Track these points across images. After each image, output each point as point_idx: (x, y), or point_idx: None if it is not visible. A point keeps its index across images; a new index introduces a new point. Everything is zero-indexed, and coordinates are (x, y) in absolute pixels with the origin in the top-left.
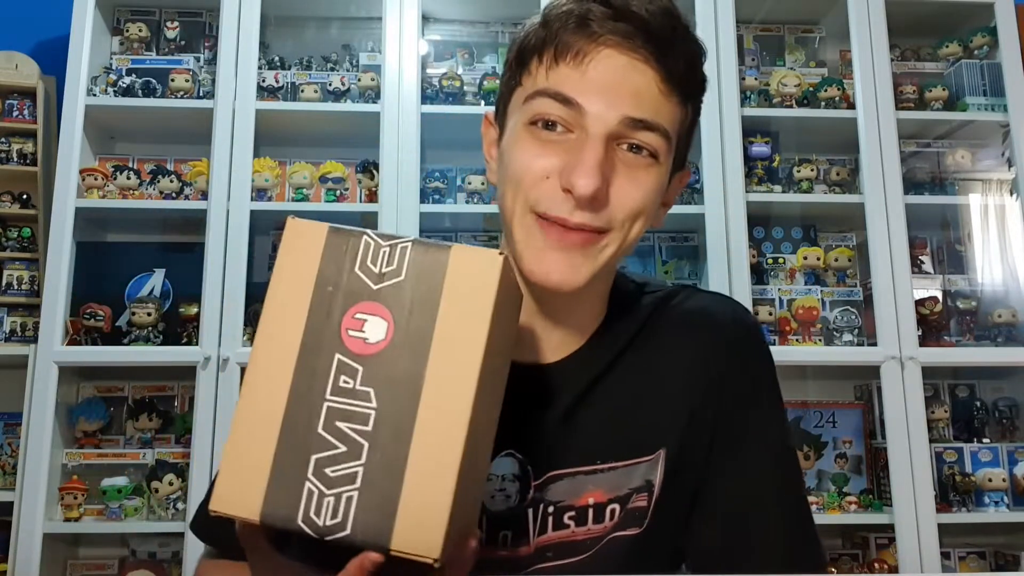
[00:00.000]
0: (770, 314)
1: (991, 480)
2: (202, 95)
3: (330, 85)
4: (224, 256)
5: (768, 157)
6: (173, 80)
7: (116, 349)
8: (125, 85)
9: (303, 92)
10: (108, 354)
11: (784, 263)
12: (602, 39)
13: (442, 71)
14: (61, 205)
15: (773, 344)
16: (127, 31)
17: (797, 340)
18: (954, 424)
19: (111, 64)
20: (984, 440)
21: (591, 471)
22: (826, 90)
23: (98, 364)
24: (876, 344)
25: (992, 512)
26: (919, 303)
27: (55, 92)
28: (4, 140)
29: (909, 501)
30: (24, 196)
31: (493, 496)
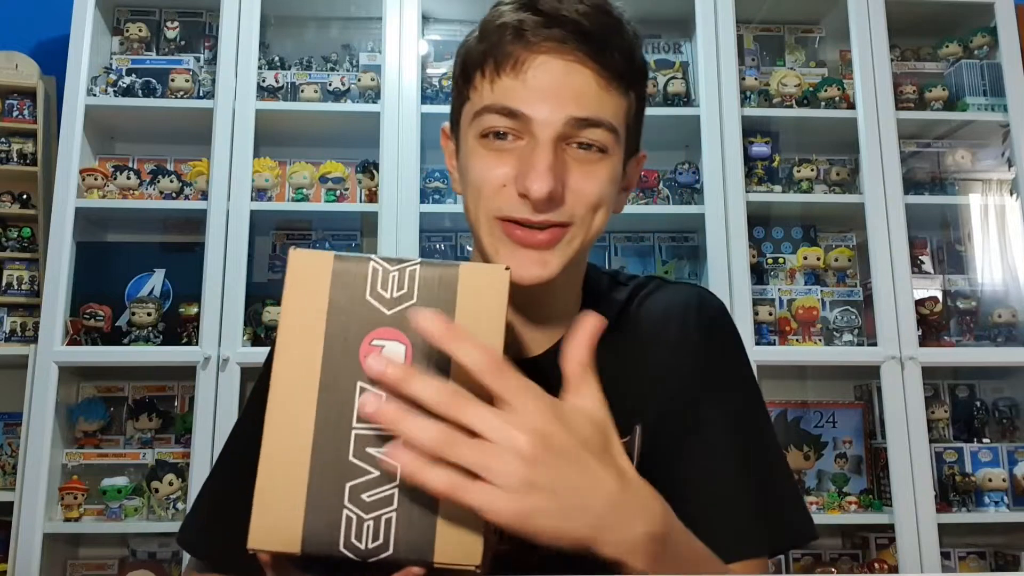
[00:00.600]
0: (770, 314)
1: (991, 480)
2: (202, 95)
3: (330, 85)
4: (224, 256)
5: (768, 157)
6: (173, 80)
7: (116, 349)
8: (125, 85)
9: (303, 92)
10: (108, 354)
11: (784, 263)
12: (537, 47)
13: (442, 71)
14: (61, 205)
15: (773, 344)
16: (127, 31)
17: (797, 340)
18: (954, 424)
19: (111, 64)
20: (984, 440)
21: None
22: (826, 90)
23: (98, 364)
24: (876, 344)
25: (992, 512)
26: (919, 303)
27: (55, 92)
28: (4, 140)
29: (909, 501)
30: (24, 196)
31: None
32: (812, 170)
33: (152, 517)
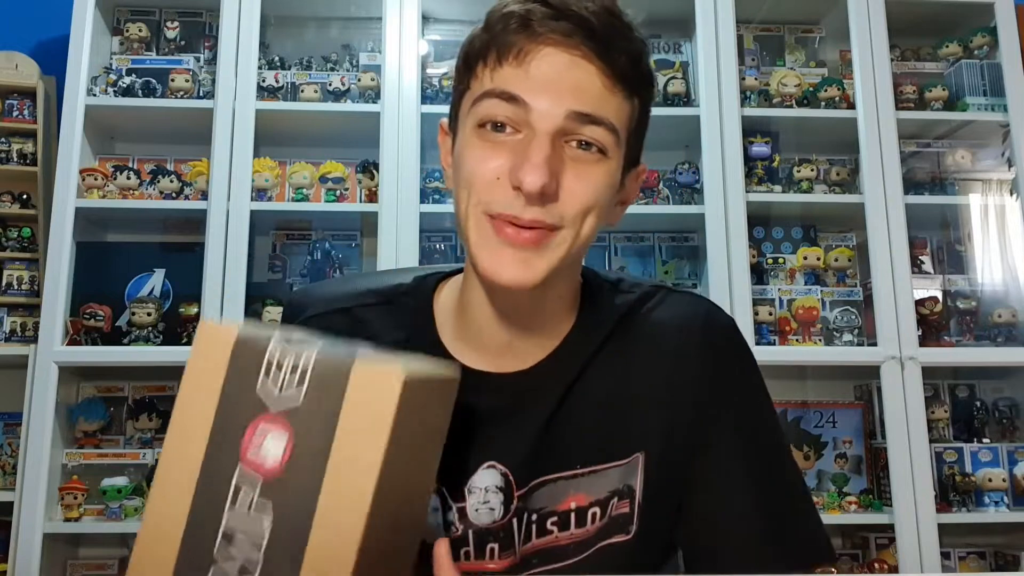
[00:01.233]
0: (770, 314)
1: (991, 480)
2: (202, 95)
3: (330, 85)
4: (224, 256)
5: (768, 157)
6: (173, 80)
7: (116, 349)
8: (125, 85)
9: (303, 92)
10: (108, 354)
11: (784, 263)
12: (543, 38)
13: (442, 71)
14: (61, 205)
15: (773, 344)
16: (127, 31)
17: (797, 340)
18: (954, 424)
19: (111, 64)
20: (984, 440)
21: (572, 475)
22: (826, 90)
23: (98, 364)
24: (876, 344)
25: (992, 512)
26: (919, 303)
27: (55, 92)
28: (4, 140)
29: (909, 501)
30: (24, 196)
31: (478, 510)
32: (812, 170)
33: None
